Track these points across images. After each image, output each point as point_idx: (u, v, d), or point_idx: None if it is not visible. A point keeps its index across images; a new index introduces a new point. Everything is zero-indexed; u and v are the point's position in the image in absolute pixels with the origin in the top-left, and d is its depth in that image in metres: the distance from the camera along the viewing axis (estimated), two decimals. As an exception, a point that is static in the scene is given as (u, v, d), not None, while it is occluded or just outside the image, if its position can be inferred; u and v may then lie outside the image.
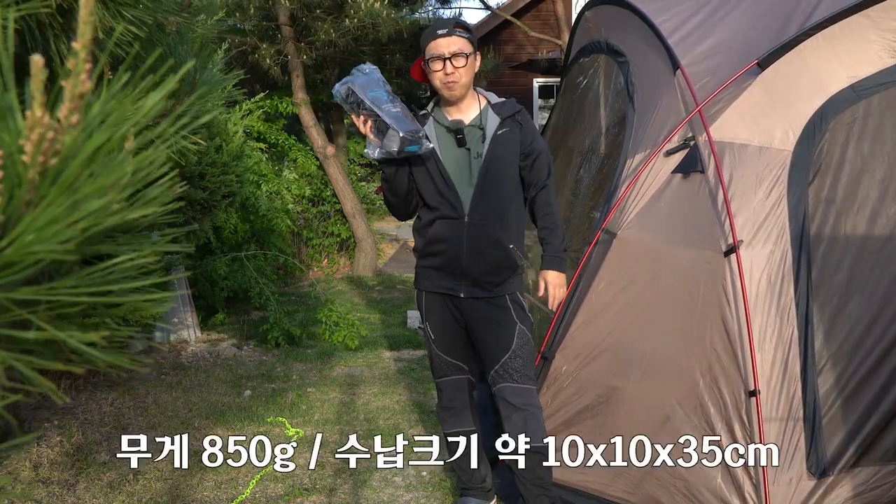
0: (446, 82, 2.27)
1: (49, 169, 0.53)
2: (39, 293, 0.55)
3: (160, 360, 4.47)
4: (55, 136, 0.52)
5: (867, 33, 2.37)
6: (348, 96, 2.22)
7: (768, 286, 2.25)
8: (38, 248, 0.52)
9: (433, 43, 2.27)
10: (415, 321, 5.37)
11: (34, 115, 0.51)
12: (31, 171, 0.52)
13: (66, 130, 0.53)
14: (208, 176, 4.61)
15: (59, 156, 0.53)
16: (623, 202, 2.53)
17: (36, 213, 0.52)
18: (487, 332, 2.35)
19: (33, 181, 0.52)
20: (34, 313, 0.56)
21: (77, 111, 0.54)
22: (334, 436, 3.35)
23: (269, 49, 7.32)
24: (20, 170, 0.52)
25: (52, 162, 0.53)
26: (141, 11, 1.39)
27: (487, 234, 2.29)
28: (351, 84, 2.22)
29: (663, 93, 2.65)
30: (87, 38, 0.54)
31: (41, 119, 0.51)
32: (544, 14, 11.08)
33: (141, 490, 2.82)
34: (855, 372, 2.26)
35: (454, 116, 2.35)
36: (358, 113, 2.22)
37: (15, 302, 0.55)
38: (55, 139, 0.52)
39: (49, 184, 0.53)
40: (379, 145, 2.19)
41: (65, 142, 0.53)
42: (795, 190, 2.30)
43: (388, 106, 2.17)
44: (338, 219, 8.07)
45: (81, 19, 0.54)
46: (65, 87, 0.53)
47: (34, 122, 0.51)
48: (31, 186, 0.52)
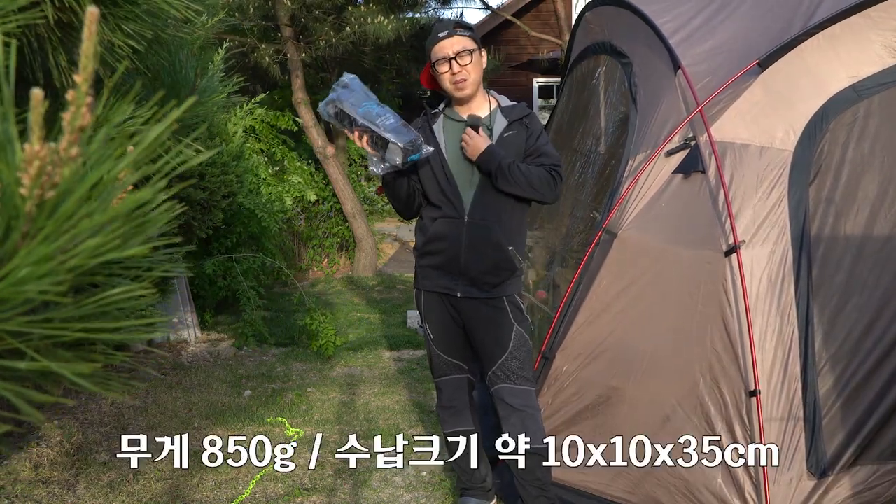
0: (455, 82, 2.29)
1: (46, 201, 0.52)
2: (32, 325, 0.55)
3: (160, 360, 4.47)
4: (53, 168, 0.52)
5: (868, 33, 2.37)
6: (339, 116, 2.18)
7: (769, 286, 2.25)
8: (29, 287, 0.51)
9: (437, 46, 2.29)
10: (415, 321, 5.37)
11: (33, 148, 0.50)
12: (28, 203, 0.51)
13: (65, 163, 0.53)
14: (208, 176, 4.61)
15: (57, 189, 0.53)
16: (624, 202, 2.53)
17: (31, 246, 0.52)
18: (485, 332, 2.35)
19: (30, 214, 0.52)
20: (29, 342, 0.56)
21: (76, 144, 0.53)
22: (334, 436, 3.35)
23: (269, 48, 7.32)
24: (17, 202, 0.52)
25: (49, 195, 0.52)
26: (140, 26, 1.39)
27: (487, 234, 2.29)
28: (338, 103, 2.17)
29: (664, 93, 2.65)
30: (88, 70, 0.53)
31: (40, 152, 0.51)
32: (544, 14, 11.08)
33: (141, 490, 2.81)
34: (855, 372, 2.26)
35: (466, 115, 2.37)
36: (352, 129, 2.19)
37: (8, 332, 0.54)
38: (53, 172, 0.52)
39: (46, 216, 0.52)
40: (381, 159, 2.17)
41: (63, 174, 0.53)
42: (796, 190, 2.30)
43: (381, 119, 2.14)
44: (338, 219, 8.07)
45: (84, 52, 0.53)
46: (64, 119, 0.53)
47: (33, 155, 0.51)
48: (28, 219, 0.52)
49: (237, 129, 5.73)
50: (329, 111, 2.20)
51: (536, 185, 2.24)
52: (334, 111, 2.18)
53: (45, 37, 1.36)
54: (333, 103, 2.18)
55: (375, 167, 2.20)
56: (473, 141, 2.24)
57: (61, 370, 0.55)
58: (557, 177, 2.28)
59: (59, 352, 0.59)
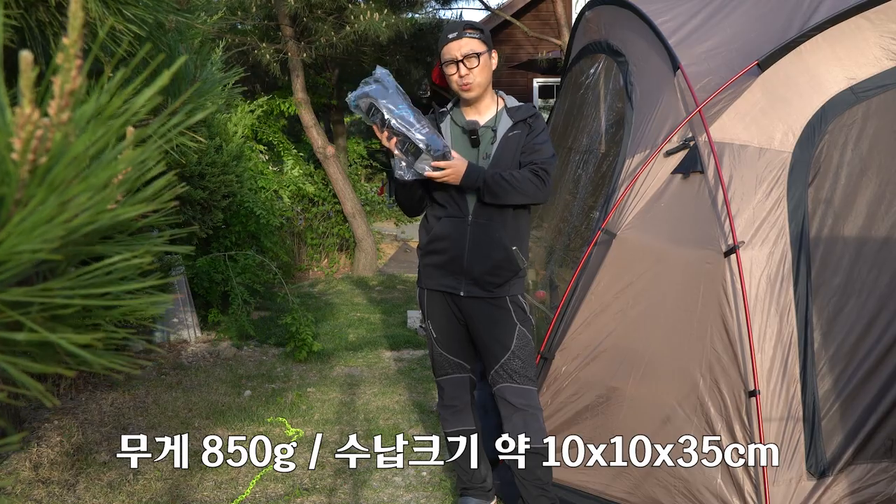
0: (461, 84, 2.30)
1: (39, 167, 0.52)
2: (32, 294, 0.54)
3: (160, 360, 4.47)
4: (45, 133, 0.51)
5: (867, 35, 2.37)
6: (370, 111, 2.13)
7: (768, 287, 2.25)
8: (24, 247, 0.51)
9: (446, 48, 2.30)
10: (415, 321, 5.37)
11: (24, 113, 0.50)
12: (20, 169, 0.51)
13: (57, 128, 0.52)
14: (208, 176, 4.62)
15: (49, 153, 0.52)
16: (623, 202, 2.54)
17: (25, 211, 0.51)
18: (487, 331, 2.36)
19: (23, 179, 0.51)
20: (27, 315, 0.55)
21: (67, 108, 0.53)
22: (334, 436, 3.36)
23: (269, 48, 7.33)
24: (10, 168, 0.51)
25: (41, 160, 0.52)
26: (141, 10, 1.39)
27: (490, 234, 2.30)
28: (373, 100, 2.12)
29: (663, 93, 2.65)
30: (76, 32, 0.52)
31: (31, 116, 0.50)
32: (544, 14, 11.08)
33: (141, 490, 2.82)
34: (854, 373, 2.26)
35: (471, 117, 2.38)
36: (381, 128, 2.15)
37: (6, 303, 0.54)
38: (45, 136, 0.51)
39: (38, 182, 0.52)
40: (410, 165, 2.15)
41: (55, 139, 0.52)
42: (795, 191, 2.31)
43: (417, 127, 2.10)
44: (338, 219, 8.07)
45: (71, 13, 0.52)
46: (54, 82, 0.52)
47: (24, 120, 0.50)
48: (20, 185, 0.51)
49: (237, 129, 5.73)
50: (361, 105, 2.14)
51: (523, 189, 2.23)
52: (366, 106, 2.14)
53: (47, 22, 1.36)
54: (367, 98, 2.13)
55: (405, 173, 2.17)
56: (450, 169, 2.17)
57: (59, 341, 0.55)
58: (544, 175, 2.25)
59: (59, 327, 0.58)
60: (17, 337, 0.54)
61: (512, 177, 2.23)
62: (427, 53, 8.42)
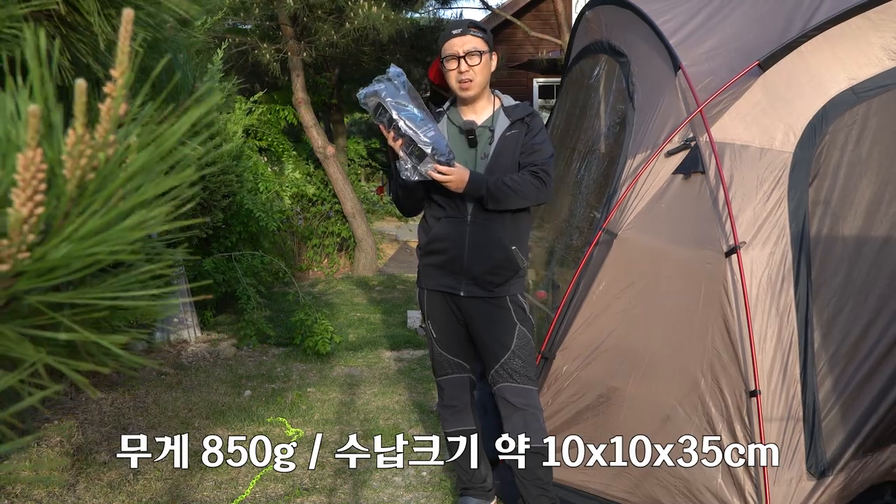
0: (461, 81, 2.29)
1: (88, 183, 0.59)
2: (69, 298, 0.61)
3: (160, 360, 4.47)
4: (93, 153, 0.58)
5: (868, 35, 2.37)
6: (377, 110, 2.12)
7: (769, 287, 2.25)
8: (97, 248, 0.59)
9: (448, 43, 2.30)
10: (415, 321, 5.37)
11: (76, 133, 0.56)
12: (70, 184, 0.58)
13: (103, 148, 0.59)
14: (208, 176, 4.61)
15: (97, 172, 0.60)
16: (624, 202, 2.53)
17: (77, 222, 0.58)
18: (487, 331, 2.36)
19: (72, 194, 0.58)
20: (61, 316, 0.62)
21: (113, 132, 0.60)
22: (334, 436, 3.35)
23: (269, 48, 7.33)
24: (60, 183, 0.58)
25: (89, 177, 0.59)
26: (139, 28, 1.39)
27: (489, 234, 2.30)
28: (381, 99, 2.10)
29: (664, 93, 2.65)
30: (124, 66, 0.60)
31: (84, 137, 0.57)
32: (544, 14, 11.09)
33: (141, 490, 2.82)
34: (854, 373, 2.26)
35: (468, 117, 2.37)
36: (388, 128, 2.13)
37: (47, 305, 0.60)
38: (92, 156, 0.58)
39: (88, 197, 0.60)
40: (415, 168, 2.13)
41: (100, 159, 0.59)
42: (796, 192, 2.30)
43: (424, 130, 2.09)
44: (338, 219, 8.07)
45: (120, 49, 0.60)
46: (102, 110, 0.59)
47: (77, 140, 0.57)
48: (69, 199, 0.58)
49: (237, 129, 5.73)
50: (369, 103, 2.12)
51: (525, 192, 2.23)
52: (374, 104, 2.11)
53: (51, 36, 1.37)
54: (376, 96, 2.11)
55: (410, 174, 2.16)
56: (452, 176, 2.16)
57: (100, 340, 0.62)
58: (544, 175, 2.26)
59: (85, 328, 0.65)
60: (59, 336, 0.61)
61: (513, 181, 2.23)
62: (427, 53, 8.42)
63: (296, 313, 4.79)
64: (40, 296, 0.58)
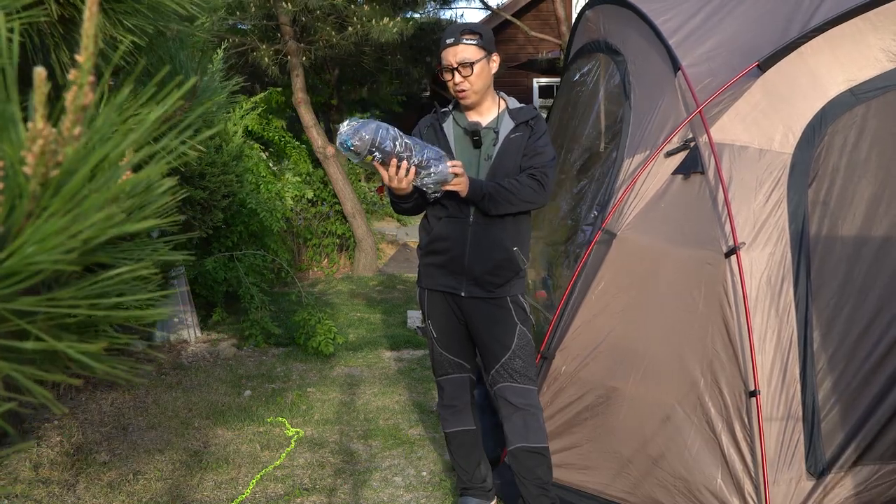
0: (457, 91, 2.30)
1: (50, 180, 0.53)
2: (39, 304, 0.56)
3: (160, 360, 4.47)
4: (57, 147, 0.53)
5: (867, 37, 2.37)
6: (372, 146, 2.00)
7: (768, 287, 2.25)
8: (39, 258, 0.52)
9: (443, 53, 2.30)
10: (415, 321, 5.37)
11: (36, 127, 0.51)
12: (32, 182, 0.52)
13: (68, 142, 0.54)
14: (208, 176, 4.61)
15: (61, 168, 0.54)
16: (622, 203, 2.54)
17: (38, 223, 0.53)
18: (487, 331, 2.36)
19: (35, 192, 0.53)
20: (33, 323, 0.57)
21: (79, 123, 0.54)
22: (334, 436, 3.36)
23: (269, 49, 7.33)
24: (21, 181, 0.53)
25: (53, 173, 0.53)
26: (141, 20, 1.39)
27: (490, 234, 2.30)
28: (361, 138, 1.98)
29: (664, 93, 2.65)
30: (90, 50, 0.54)
31: (43, 131, 0.51)
32: (544, 14, 11.09)
33: (141, 490, 2.82)
34: (854, 373, 2.26)
35: (473, 118, 2.38)
36: (386, 162, 2.05)
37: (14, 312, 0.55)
38: (57, 151, 0.53)
39: (51, 195, 0.54)
40: (433, 182, 2.12)
41: (66, 153, 0.54)
42: (795, 192, 2.31)
43: (420, 142, 2.10)
44: (338, 219, 8.07)
45: (85, 32, 0.54)
46: (67, 98, 0.54)
47: (37, 134, 0.51)
48: (32, 198, 0.53)
49: (237, 129, 5.73)
50: (359, 142, 1.99)
51: (524, 196, 2.25)
52: (368, 142, 1.99)
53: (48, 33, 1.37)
54: (364, 133, 1.99)
55: (431, 191, 2.15)
56: (462, 177, 2.18)
57: (67, 349, 0.56)
58: (543, 178, 2.27)
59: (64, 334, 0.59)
60: (25, 346, 0.55)
61: (511, 185, 2.23)
62: (427, 53, 8.42)
63: (298, 313, 4.79)
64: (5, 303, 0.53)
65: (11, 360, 0.56)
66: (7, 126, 0.54)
